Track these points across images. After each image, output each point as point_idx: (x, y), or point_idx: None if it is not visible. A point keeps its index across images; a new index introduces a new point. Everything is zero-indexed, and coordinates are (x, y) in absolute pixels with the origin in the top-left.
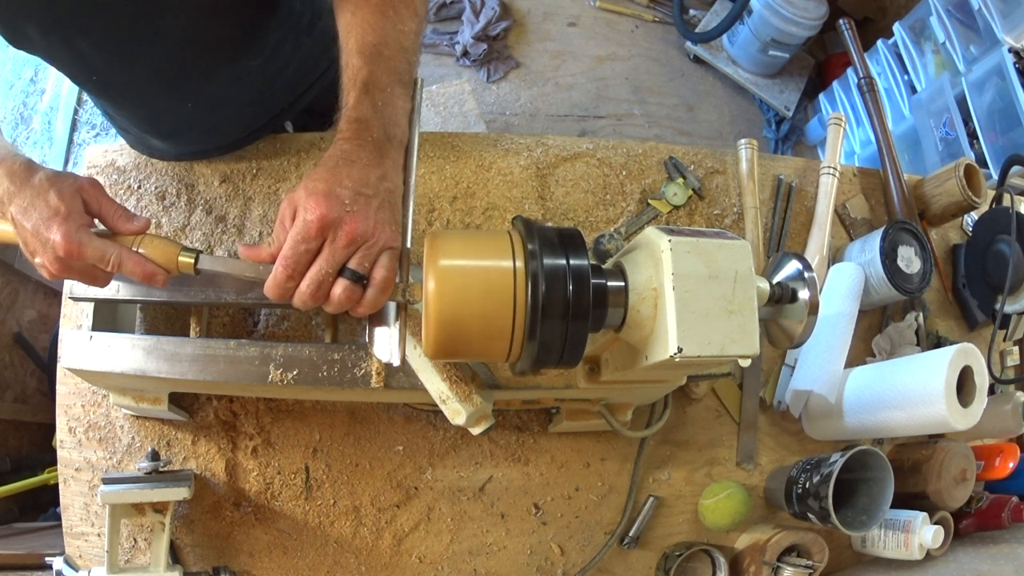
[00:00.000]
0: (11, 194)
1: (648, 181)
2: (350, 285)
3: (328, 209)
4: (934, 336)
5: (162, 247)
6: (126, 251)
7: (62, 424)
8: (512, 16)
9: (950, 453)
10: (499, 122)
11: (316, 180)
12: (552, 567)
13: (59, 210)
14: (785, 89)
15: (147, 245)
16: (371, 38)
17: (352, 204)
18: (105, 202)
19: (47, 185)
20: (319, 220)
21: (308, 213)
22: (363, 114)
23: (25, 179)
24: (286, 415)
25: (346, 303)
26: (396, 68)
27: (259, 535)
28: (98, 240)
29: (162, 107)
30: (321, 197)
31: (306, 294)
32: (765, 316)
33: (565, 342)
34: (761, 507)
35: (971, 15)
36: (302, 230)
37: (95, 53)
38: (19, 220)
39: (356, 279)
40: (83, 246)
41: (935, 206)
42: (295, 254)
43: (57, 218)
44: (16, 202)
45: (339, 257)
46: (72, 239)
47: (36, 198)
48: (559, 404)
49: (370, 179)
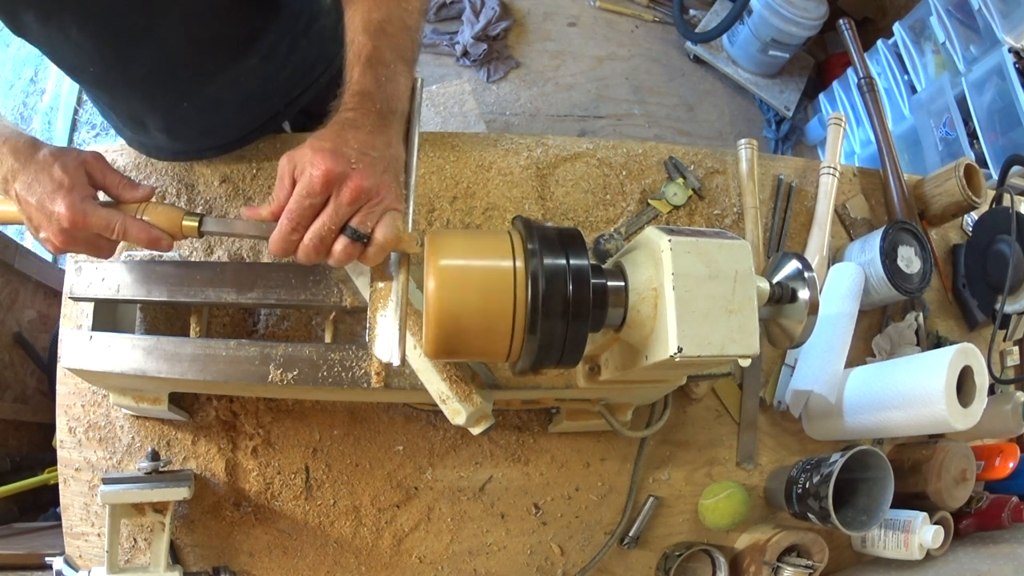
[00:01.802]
0: (15, 171)
1: (648, 181)
2: (350, 243)
3: (334, 164)
4: (934, 336)
5: (166, 213)
6: (130, 218)
7: (62, 424)
8: (512, 16)
9: (950, 453)
10: (499, 122)
11: (322, 139)
12: (552, 567)
13: (63, 183)
14: (785, 89)
15: (151, 212)
16: (376, 15)
17: (358, 162)
18: (109, 173)
19: (51, 160)
20: (324, 175)
21: (314, 168)
22: (367, 87)
23: (30, 155)
24: (286, 415)
25: (346, 260)
26: (399, 45)
27: (259, 535)
28: (102, 209)
29: (159, 105)
30: (328, 153)
31: (309, 247)
32: (765, 316)
33: (565, 342)
34: (761, 507)
35: (971, 15)
36: (307, 184)
37: (92, 45)
38: (23, 196)
39: (357, 238)
40: (87, 215)
41: (935, 206)
42: (299, 208)
43: (61, 190)
44: (21, 178)
45: (342, 213)
46: (77, 209)
47: (40, 173)
48: (559, 404)
49: (376, 143)
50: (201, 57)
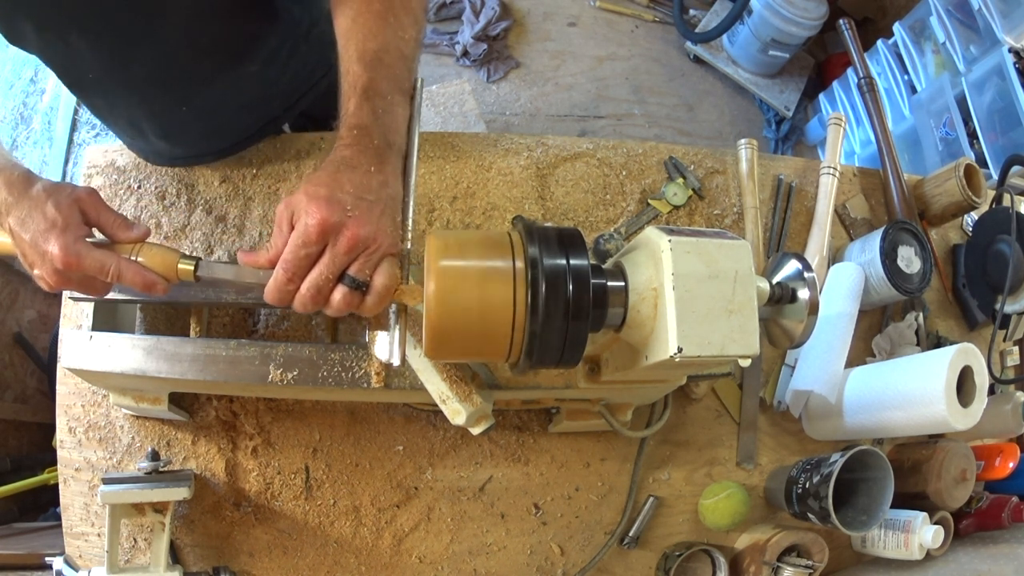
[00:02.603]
0: (9, 205)
1: (648, 181)
2: (349, 292)
3: (330, 213)
4: (934, 336)
5: (161, 255)
6: (124, 261)
7: (62, 424)
8: (512, 16)
9: (950, 453)
10: (499, 122)
11: (317, 185)
12: (552, 567)
13: (56, 222)
14: (785, 89)
15: (146, 253)
16: (372, 45)
17: (354, 209)
18: (103, 211)
19: (44, 196)
20: (320, 224)
21: (309, 217)
22: (363, 121)
23: (23, 190)
24: (286, 415)
25: (345, 309)
26: (396, 75)
27: (259, 535)
28: (96, 251)
29: (158, 109)
30: (323, 202)
31: (306, 297)
32: (765, 316)
33: (565, 342)
34: (761, 507)
35: (971, 15)
36: (303, 234)
37: (92, 50)
38: (17, 232)
39: (355, 286)
40: (81, 257)
41: (935, 206)
42: (295, 258)
43: (55, 230)
44: (14, 213)
45: (339, 263)
46: (70, 251)
47: (34, 210)
48: (559, 404)
49: (372, 184)
50: (201, 61)
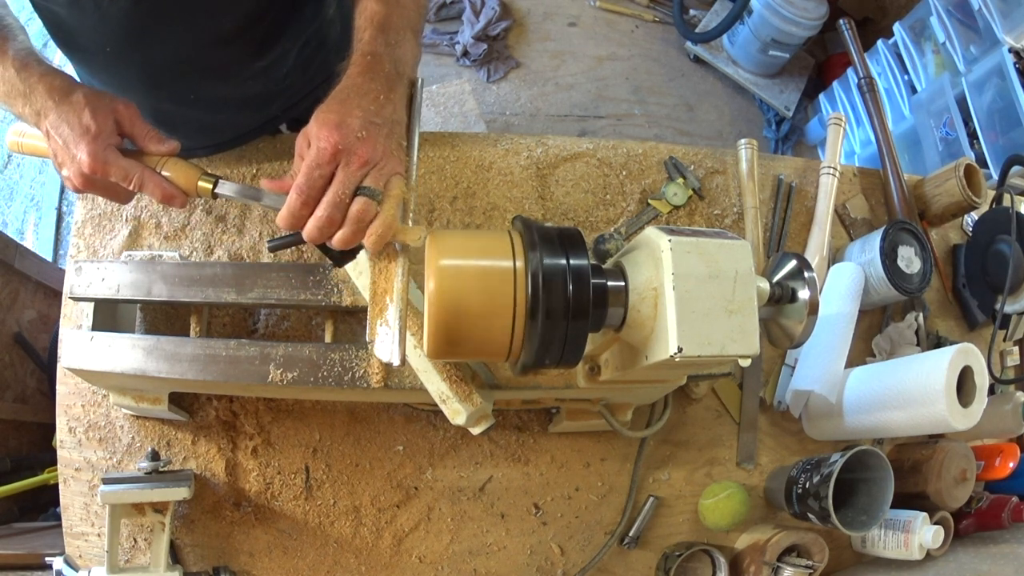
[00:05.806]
0: (48, 109)
1: (648, 181)
2: (367, 200)
3: (341, 137)
4: (934, 336)
5: (184, 170)
6: (149, 172)
7: (62, 424)
8: (512, 16)
9: (950, 453)
10: (499, 122)
11: (328, 112)
12: (552, 567)
13: (90, 128)
14: (785, 89)
15: (171, 167)
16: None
17: (363, 131)
18: (138, 123)
19: (83, 103)
20: (332, 148)
21: (321, 142)
22: (377, 49)
23: (64, 95)
24: (286, 415)
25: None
26: (409, 15)
27: (259, 535)
28: (123, 160)
29: (165, 95)
30: (333, 127)
31: (323, 220)
32: (765, 316)
33: (565, 342)
34: (761, 507)
35: (971, 15)
36: (316, 158)
37: (120, 22)
38: (52, 133)
39: (372, 195)
40: (108, 165)
41: (935, 206)
42: (309, 180)
43: (87, 136)
44: (51, 116)
45: (354, 179)
46: (98, 157)
47: (71, 114)
48: (559, 404)
49: (380, 110)
50: (222, 52)
